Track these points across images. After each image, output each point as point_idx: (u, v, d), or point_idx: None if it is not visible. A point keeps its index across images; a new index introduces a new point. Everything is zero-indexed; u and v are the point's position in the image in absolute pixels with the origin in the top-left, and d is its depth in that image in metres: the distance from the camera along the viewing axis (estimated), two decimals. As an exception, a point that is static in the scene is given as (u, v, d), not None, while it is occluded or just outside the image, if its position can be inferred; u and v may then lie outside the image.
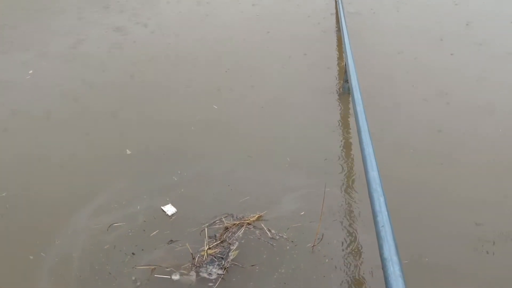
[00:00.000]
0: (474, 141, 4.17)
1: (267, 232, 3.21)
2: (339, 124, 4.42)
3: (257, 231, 3.23)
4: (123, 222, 3.28)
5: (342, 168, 3.84)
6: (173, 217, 3.33)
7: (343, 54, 5.04)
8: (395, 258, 2.07)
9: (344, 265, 2.96)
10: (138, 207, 3.42)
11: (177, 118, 4.52)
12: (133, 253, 3.05)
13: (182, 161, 3.89)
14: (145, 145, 4.10)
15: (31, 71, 4.84)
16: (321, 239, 3.13)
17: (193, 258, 2.99)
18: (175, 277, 2.87)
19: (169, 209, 3.39)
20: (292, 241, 3.13)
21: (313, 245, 3.08)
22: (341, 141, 4.20)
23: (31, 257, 3.02)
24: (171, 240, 3.15)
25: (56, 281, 2.88)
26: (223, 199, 3.49)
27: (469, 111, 4.58)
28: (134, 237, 3.17)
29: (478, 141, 4.17)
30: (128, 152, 3.61)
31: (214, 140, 4.19)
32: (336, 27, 6.58)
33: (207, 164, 3.86)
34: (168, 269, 2.93)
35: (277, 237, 3.17)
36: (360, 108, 3.39)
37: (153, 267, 2.96)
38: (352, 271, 2.92)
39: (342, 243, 3.12)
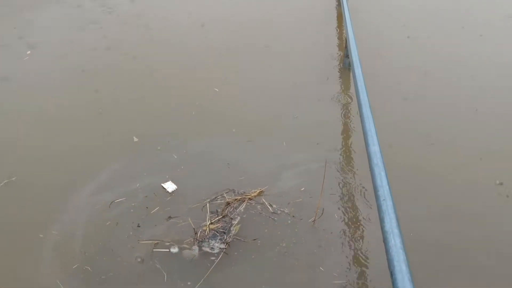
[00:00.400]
0: (472, 114, 4.18)
1: (268, 207, 3.24)
2: (339, 100, 4.41)
3: (259, 206, 3.25)
4: (124, 199, 3.30)
5: (343, 144, 3.86)
6: (173, 194, 3.34)
7: (344, 29, 4.99)
8: (396, 231, 2.09)
9: (345, 239, 2.99)
10: (138, 184, 3.43)
11: (178, 98, 4.51)
12: (138, 225, 3.09)
13: (182, 140, 3.89)
14: (146, 125, 4.09)
15: (29, 52, 4.77)
16: (322, 214, 3.15)
17: (196, 233, 3.02)
18: (174, 250, 2.91)
19: (170, 186, 3.40)
20: (293, 216, 3.16)
21: (314, 220, 3.11)
22: (342, 116, 4.20)
23: (41, 235, 3.05)
24: (172, 216, 3.17)
25: (61, 258, 2.91)
26: (224, 176, 3.49)
27: (471, 89, 4.56)
28: (136, 214, 3.19)
29: (477, 113, 4.17)
30: (135, 139, 3.60)
31: (214, 121, 4.16)
32: (337, 2, 6.49)
33: (207, 143, 3.86)
34: (168, 243, 2.96)
35: (278, 212, 3.19)
36: (360, 83, 3.37)
37: (155, 241, 2.99)
38: (353, 244, 2.96)
39: (343, 217, 3.15)
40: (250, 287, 2.73)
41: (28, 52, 4.86)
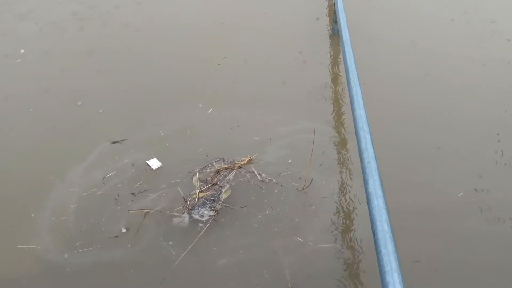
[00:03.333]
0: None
1: (257, 175, 3.25)
2: (329, 66, 4.38)
3: (248, 175, 3.26)
4: (114, 175, 3.28)
5: (332, 111, 3.85)
6: (158, 170, 3.31)
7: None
8: (379, 192, 2.12)
9: (332, 205, 3.02)
10: (126, 160, 3.40)
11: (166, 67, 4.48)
12: (132, 193, 3.12)
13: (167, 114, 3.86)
14: (131, 100, 4.07)
15: (23, 51, 4.59)
16: (310, 183, 3.16)
17: (185, 201, 3.04)
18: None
19: (154, 163, 3.37)
20: (282, 185, 3.16)
21: (303, 188, 3.12)
22: (331, 83, 4.18)
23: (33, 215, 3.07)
24: (162, 187, 3.19)
25: (59, 233, 2.93)
26: (211, 149, 3.49)
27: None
28: (125, 187, 3.19)
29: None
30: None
31: (202, 91, 4.12)
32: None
33: (192, 117, 3.82)
34: (160, 212, 3.00)
35: (267, 181, 3.20)
36: (348, 48, 3.35)
37: (146, 211, 3.01)
38: (338, 208, 3.00)
39: (330, 185, 3.16)
40: (230, 251, 2.77)
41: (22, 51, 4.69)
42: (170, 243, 2.82)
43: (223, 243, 2.81)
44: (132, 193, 3.13)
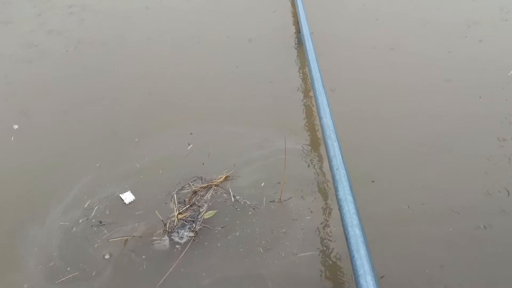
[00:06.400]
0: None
1: (232, 197, 3.25)
2: (296, 77, 4.43)
3: (225, 194, 3.26)
4: (89, 210, 3.25)
5: (300, 123, 3.87)
6: (131, 203, 3.28)
7: (295, 5, 4.98)
8: (349, 198, 2.16)
9: (307, 220, 3.04)
10: (102, 195, 3.36)
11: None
12: (100, 221, 3.13)
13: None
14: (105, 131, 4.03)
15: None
16: (290, 198, 3.18)
17: (165, 225, 3.04)
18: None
19: (127, 197, 3.32)
20: (254, 209, 3.15)
21: (280, 199, 3.15)
22: (300, 94, 4.21)
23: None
24: (139, 211, 3.19)
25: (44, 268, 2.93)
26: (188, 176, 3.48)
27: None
28: (102, 219, 3.18)
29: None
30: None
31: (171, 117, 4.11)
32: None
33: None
34: (140, 237, 3.00)
35: (242, 202, 3.20)
36: (312, 57, 3.41)
37: (126, 238, 3.00)
38: (312, 219, 3.03)
39: (304, 202, 3.17)
40: (212, 271, 2.80)
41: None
42: (151, 267, 2.82)
43: (203, 263, 2.82)
44: (105, 224, 3.11)
